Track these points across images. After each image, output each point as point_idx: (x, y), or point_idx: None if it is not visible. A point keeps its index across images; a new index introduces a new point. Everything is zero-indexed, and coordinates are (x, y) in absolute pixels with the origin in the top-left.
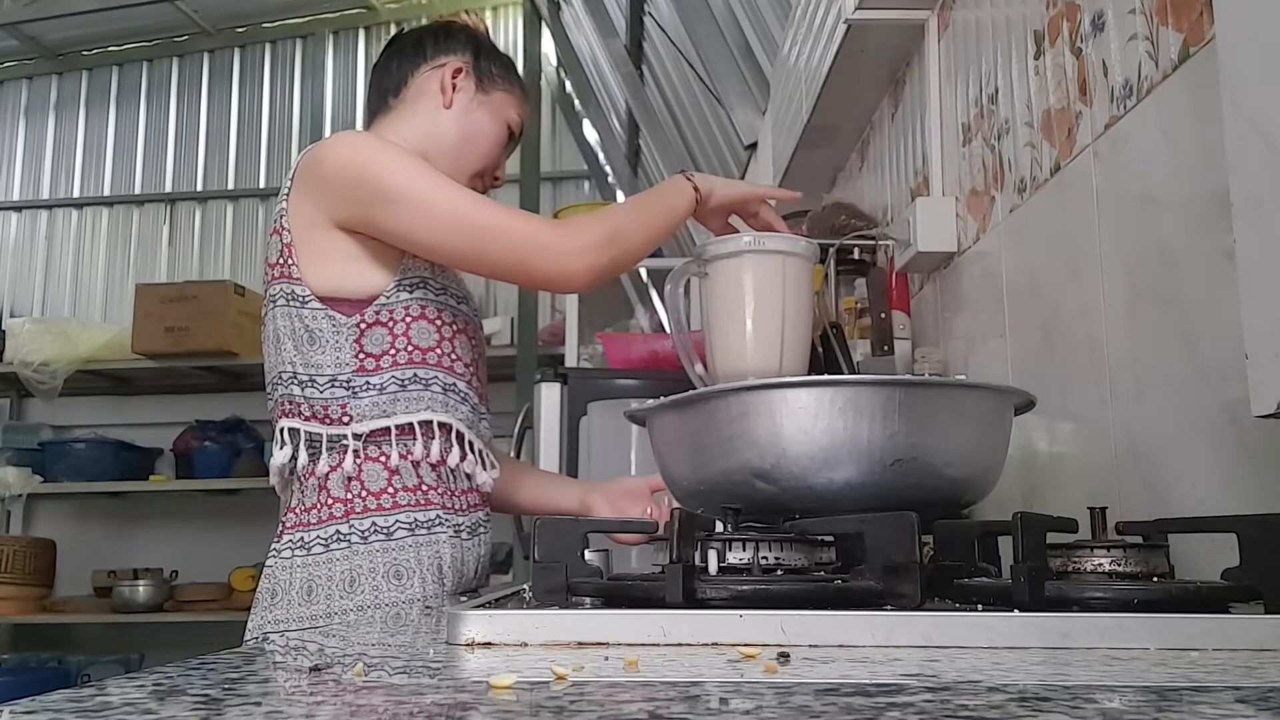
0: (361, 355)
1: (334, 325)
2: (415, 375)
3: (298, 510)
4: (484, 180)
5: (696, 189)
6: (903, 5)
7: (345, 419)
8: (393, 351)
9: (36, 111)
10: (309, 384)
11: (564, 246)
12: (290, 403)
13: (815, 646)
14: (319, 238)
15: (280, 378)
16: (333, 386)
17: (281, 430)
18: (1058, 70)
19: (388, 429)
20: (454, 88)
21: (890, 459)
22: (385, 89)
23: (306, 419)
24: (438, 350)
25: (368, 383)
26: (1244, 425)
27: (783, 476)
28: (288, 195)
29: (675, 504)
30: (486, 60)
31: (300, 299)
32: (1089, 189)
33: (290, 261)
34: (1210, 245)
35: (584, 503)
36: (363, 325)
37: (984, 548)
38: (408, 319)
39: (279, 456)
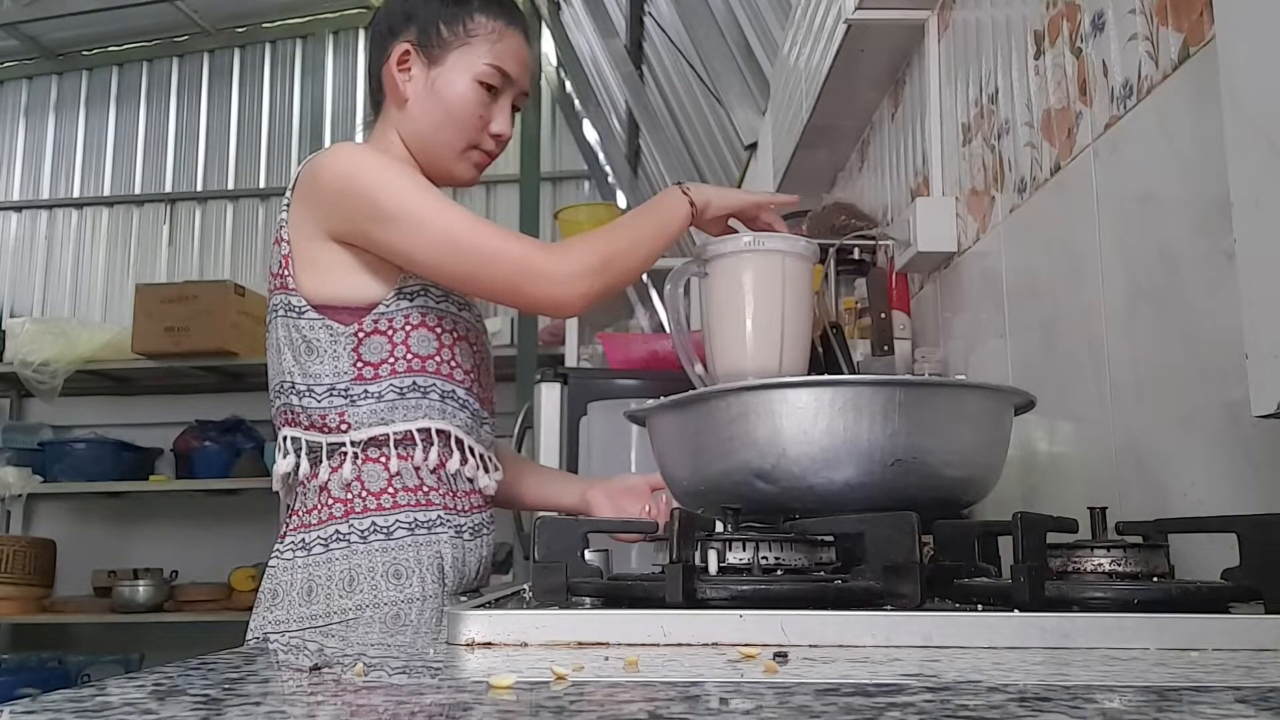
0: (360, 364)
1: (331, 335)
2: (414, 383)
3: (300, 513)
4: (482, 149)
5: (692, 203)
6: (903, 5)
7: (343, 426)
8: (391, 360)
9: (36, 111)
10: (306, 394)
11: (556, 274)
12: (290, 412)
13: (815, 646)
14: (317, 249)
15: (281, 387)
16: (330, 395)
17: (284, 439)
18: (1058, 70)
19: (386, 435)
20: (407, 77)
21: (890, 459)
22: (374, 93)
23: (306, 428)
24: (437, 358)
25: (366, 391)
26: (1244, 425)
27: (783, 476)
28: (288, 206)
29: (675, 502)
30: (429, 25)
31: (297, 310)
32: (1089, 189)
33: (288, 272)
34: (1210, 245)
35: (584, 499)
36: (361, 334)
37: (984, 548)
38: (407, 327)
39: (282, 465)
